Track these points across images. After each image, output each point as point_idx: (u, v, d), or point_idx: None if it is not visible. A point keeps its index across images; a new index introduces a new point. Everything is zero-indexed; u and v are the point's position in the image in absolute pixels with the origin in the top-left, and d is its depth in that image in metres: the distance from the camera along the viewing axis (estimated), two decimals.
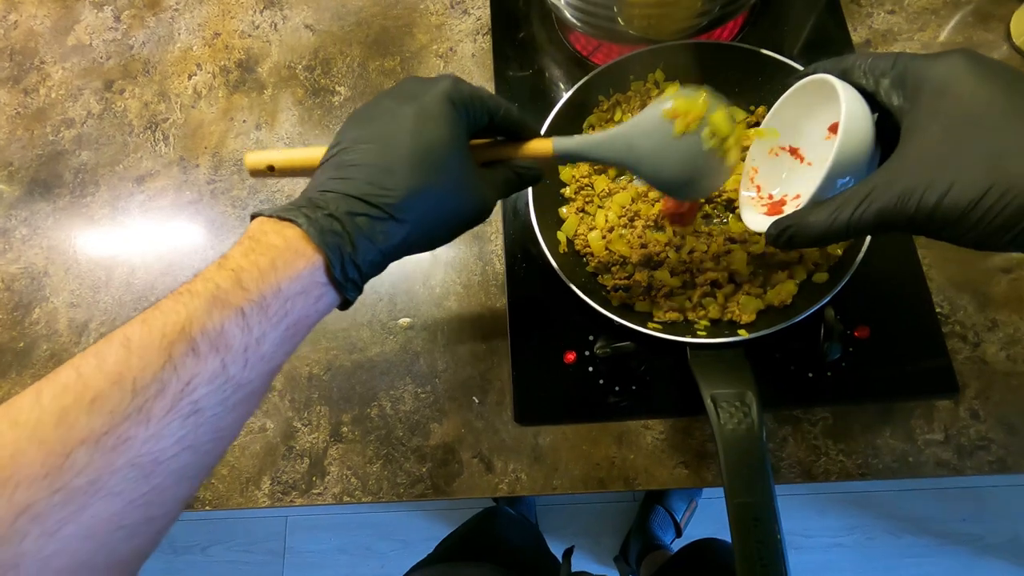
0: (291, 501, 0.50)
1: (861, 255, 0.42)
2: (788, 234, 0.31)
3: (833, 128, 0.34)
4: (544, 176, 0.34)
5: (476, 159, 0.34)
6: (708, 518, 1.22)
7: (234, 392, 0.25)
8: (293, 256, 0.28)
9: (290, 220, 0.28)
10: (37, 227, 0.65)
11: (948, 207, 0.24)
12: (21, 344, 0.60)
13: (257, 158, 0.36)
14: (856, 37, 0.55)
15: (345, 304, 0.31)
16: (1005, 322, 0.45)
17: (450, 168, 0.31)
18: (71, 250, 0.64)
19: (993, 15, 0.53)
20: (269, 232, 0.28)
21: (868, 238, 0.43)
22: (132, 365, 0.23)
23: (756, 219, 0.38)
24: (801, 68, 0.47)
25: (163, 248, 0.62)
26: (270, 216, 0.29)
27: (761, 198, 0.40)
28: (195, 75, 0.69)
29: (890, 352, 0.45)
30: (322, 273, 0.28)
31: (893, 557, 1.18)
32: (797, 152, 0.39)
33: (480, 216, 0.34)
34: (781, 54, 0.48)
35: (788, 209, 0.37)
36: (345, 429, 0.52)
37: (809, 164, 0.39)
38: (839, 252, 0.45)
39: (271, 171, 0.36)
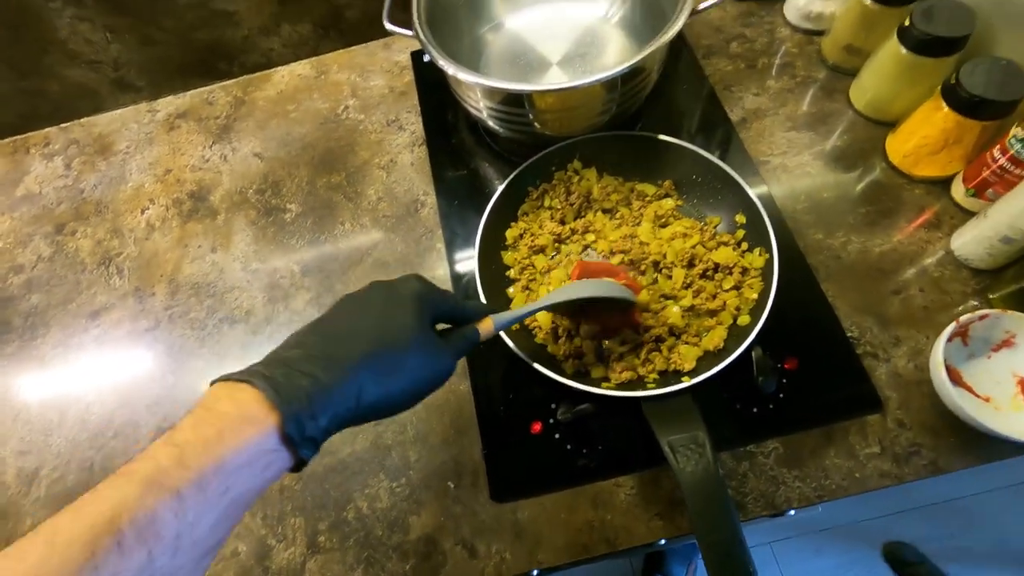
0: None
1: (771, 296, 0.48)
2: None
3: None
4: (480, 341, 0.40)
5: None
6: None
7: None
8: (242, 424, 0.27)
9: (246, 382, 0.28)
10: None
11: None
12: None
13: None
14: (733, 116, 0.65)
15: (299, 465, 0.30)
16: (906, 336, 0.51)
17: (410, 337, 0.33)
18: (20, 395, 0.62)
19: (836, 89, 0.65)
20: (222, 398, 0.28)
21: (775, 280, 0.49)
22: (51, 566, 0.22)
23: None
24: (694, 148, 0.56)
25: (121, 379, 0.61)
26: (226, 380, 0.29)
27: None
28: (148, 209, 0.72)
29: (818, 379, 0.50)
30: (274, 437, 0.28)
31: None
32: None
33: (441, 376, 0.36)
34: (676, 137, 0.57)
35: None
36: (322, 538, 0.51)
37: None
38: (754, 296, 0.51)
39: None
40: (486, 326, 0.40)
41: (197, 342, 0.62)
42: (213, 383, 0.30)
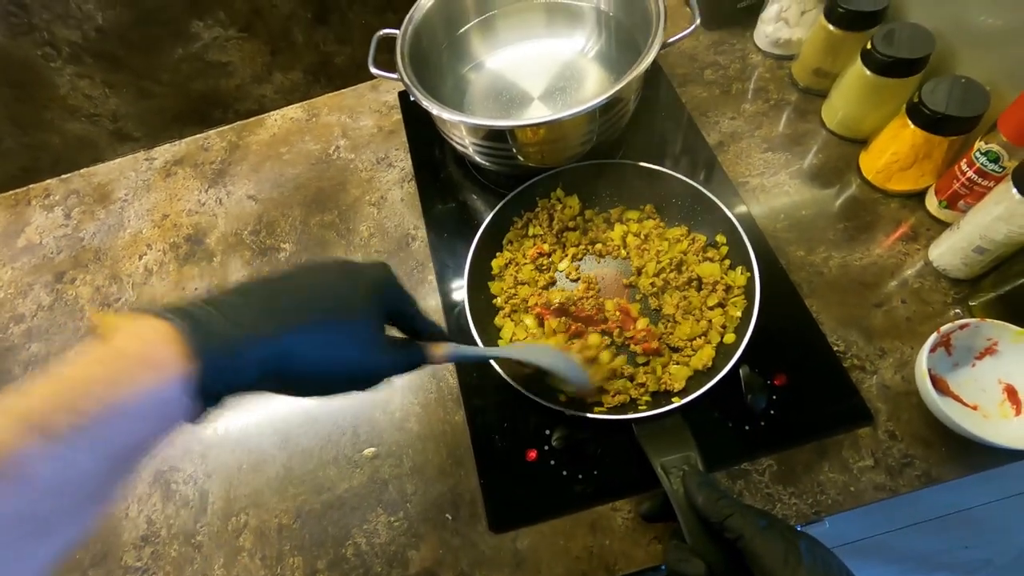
0: None
1: (755, 314, 0.49)
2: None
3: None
4: (423, 364, 0.37)
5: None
6: None
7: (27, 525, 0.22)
8: (140, 368, 0.24)
9: (160, 317, 0.25)
10: None
11: None
12: None
13: None
14: (711, 140, 0.67)
15: (199, 416, 0.27)
16: (891, 348, 0.52)
17: (357, 319, 0.31)
18: None
19: (808, 110, 0.67)
20: (124, 331, 0.25)
21: (757, 297, 0.50)
22: None
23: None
24: (672, 172, 0.57)
25: None
26: (136, 311, 0.26)
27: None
28: (146, 254, 0.74)
29: (808, 394, 0.50)
30: (177, 387, 0.24)
31: None
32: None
33: (367, 377, 0.33)
34: (657, 163, 0.59)
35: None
36: None
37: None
38: (738, 314, 0.52)
39: None
40: (440, 350, 0.37)
41: None
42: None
